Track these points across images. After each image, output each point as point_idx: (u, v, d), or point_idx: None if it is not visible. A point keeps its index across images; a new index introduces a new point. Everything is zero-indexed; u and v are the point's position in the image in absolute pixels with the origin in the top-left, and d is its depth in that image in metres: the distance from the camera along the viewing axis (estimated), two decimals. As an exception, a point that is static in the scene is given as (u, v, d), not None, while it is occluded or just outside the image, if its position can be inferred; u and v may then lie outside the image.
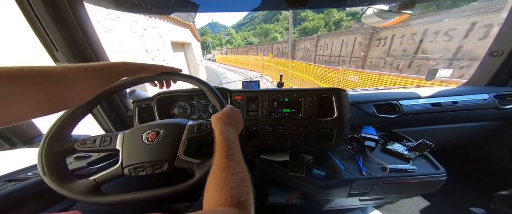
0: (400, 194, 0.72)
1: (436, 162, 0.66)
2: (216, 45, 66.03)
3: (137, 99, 0.88)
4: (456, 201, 1.02)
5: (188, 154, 0.46)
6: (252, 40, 47.70)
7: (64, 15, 0.63)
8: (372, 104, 0.94)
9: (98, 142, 0.47)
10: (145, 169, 0.44)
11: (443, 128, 0.98)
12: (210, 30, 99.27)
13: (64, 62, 0.71)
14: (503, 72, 0.97)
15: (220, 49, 43.14)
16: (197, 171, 0.44)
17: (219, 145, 0.37)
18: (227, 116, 0.44)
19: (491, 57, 0.98)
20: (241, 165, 0.33)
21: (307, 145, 0.74)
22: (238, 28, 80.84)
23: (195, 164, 0.45)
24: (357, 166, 0.68)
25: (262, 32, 47.38)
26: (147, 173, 0.44)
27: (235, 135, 0.41)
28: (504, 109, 0.93)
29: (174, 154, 0.46)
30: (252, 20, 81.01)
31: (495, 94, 0.94)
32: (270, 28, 48.08)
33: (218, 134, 0.39)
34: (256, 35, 50.57)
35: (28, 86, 0.26)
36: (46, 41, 0.65)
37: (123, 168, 0.45)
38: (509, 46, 0.91)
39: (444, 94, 0.98)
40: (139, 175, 0.44)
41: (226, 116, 0.44)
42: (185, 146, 0.47)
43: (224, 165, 0.32)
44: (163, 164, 0.44)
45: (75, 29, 0.66)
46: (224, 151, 0.35)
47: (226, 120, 0.43)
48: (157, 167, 0.44)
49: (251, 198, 0.29)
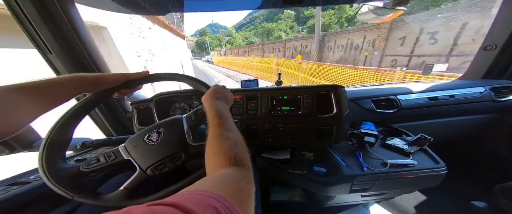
0: (401, 189, 0.72)
1: (435, 156, 0.67)
2: (215, 45, 60.97)
3: (136, 101, 0.87)
4: (457, 195, 1.02)
5: (196, 141, 0.47)
6: (254, 40, 43.82)
7: (55, 16, 0.62)
8: (371, 100, 0.95)
9: (102, 159, 0.46)
10: (166, 165, 0.45)
11: (441, 122, 0.99)
12: (209, 31, 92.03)
13: (58, 65, 0.70)
14: (498, 66, 0.99)
15: (219, 50, 38.67)
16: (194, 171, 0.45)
17: (210, 117, 0.38)
18: (214, 92, 0.46)
19: (485, 51, 1.00)
20: (233, 131, 0.35)
21: (307, 142, 0.74)
22: (239, 29, 76.35)
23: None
24: (358, 162, 0.68)
25: (264, 32, 44.01)
26: (169, 168, 0.45)
27: (225, 106, 0.43)
28: (501, 101, 0.94)
29: (185, 144, 0.46)
30: (253, 21, 76.04)
31: (491, 87, 0.95)
32: (273, 27, 43.57)
33: (208, 109, 0.41)
34: (258, 35, 47.11)
35: None
36: (39, 44, 0.64)
37: (145, 171, 0.45)
38: (502, 40, 0.93)
39: (440, 88, 0.99)
40: (162, 172, 0.45)
41: (213, 92, 0.46)
42: (191, 135, 0.48)
43: (217, 133, 0.33)
44: (180, 154, 0.45)
45: (68, 30, 0.65)
46: (215, 120, 0.36)
47: (213, 96, 0.44)
48: (176, 159, 0.45)
49: (247, 157, 0.31)
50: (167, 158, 0.45)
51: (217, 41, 63.11)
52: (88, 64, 0.75)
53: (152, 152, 0.46)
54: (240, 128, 0.79)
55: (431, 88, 0.99)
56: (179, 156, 0.45)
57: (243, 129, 0.79)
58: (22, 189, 0.51)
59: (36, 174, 0.60)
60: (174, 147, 0.46)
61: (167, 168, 0.45)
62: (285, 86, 0.82)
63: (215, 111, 0.39)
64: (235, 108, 0.81)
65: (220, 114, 0.38)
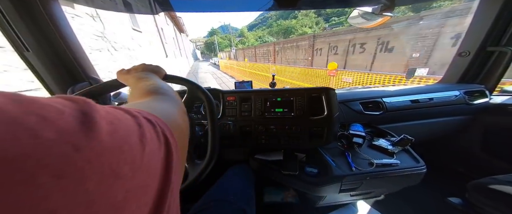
0: (386, 187, 0.76)
1: (416, 156, 0.71)
2: (225, 46, 52.18)
3: (123, 101, 0.83)
4: (435, 192, 1.10)
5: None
6: (268, 39, 36.56)
7: (34, 10, 0.57)
8: (359, 102, 0.99)
9: None
10: None
11: (422, 123, 1.06)
12: (220, 31, 75.91)
13: (37, 64, 0.64)
14: (471, 71, 1.08)
15: (228, 51, 29.89)
16: (190, 173, 0.44)
17: (134, 84, 0.34)
18: (136, 67, 0.40)
19: (460, 57, 1.09)
20: (155, 80, 0.32)
21: (300, 143, 0.75)
22: (250, 30, 67.28)
23: (187, 166, 0.44)
24: (347, 162, 0.71)
25: (280, 30, 35.26)
26: None
27: (154, 75, 0.37)
28: (473, 104, 1.03)
29: None
30: (264, 21, 67.18)
31: (464, 91, 1.03)
32: (292, 24, 34.47)
33: (131, 79, 0.35)
34: (273, 34, 38.63)
35: None
36: (14, 41, 0.58)
37: None
38: (475, 47, 1.01)
39: (421, 91, 1.06)
40: None
41: (135, 68, 0.39)
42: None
43: (138, 86, 0.30)
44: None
45: (47, 26, 0.60)
46: (137, 81, 0.32)
47: (137, 69, 0.39)
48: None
49: (170, 90, 0.28)
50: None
51: (227, 41, 55.14)
52: (70, 62, 0.70)
53: None
54: (233, 129, 0.79)
55: (413, 91, 1.06)
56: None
57: (237, 130, 0.79)
58: None
59: None
60: None
61: None
62: (279, 88, 0.83)
63: (136, 77, 0.34)
64: (228, 109, 0.80)
65: (141, 76, 0.34)
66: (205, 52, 68.35)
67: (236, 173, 0.75)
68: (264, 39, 38.17)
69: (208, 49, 63.04)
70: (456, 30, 4.46)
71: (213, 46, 56.93)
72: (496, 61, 1.01)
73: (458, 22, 4.47)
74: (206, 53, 66.78)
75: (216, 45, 52.71)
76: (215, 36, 60.67)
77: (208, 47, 62.42)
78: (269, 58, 12.60)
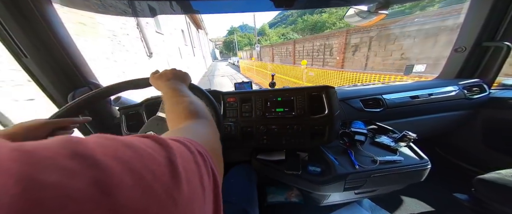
0: (391, 185, 0.75)
1: (419, 152, 0.70)
2: (244, 45, 46.45)
3: (124, 106, 0.83)
4: (441, 189, 1.09)
5: None
6: (293, 36, 29.58)
7: (29, 16, 0.57)
8: (359, 100, 0.99)
9: None
10: None
11: (423, 119, 1.06)
12: (239, 30, 72.70)
13: (36, 70, 0.64)
14: (468, 66, 1.09)
15: (248, 49, 27.26)
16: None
17: (165, 93, 0.36)
18: (165, 73, 0.43)
19: (456, 53, 1.10)
20: (189, 95, 0.34)
21: (302, 142, 0.75)
22: (270, 27, 56.31)
23: None
24: (350, 160, 0.70)
25: (305, 27, 30.54)
26: None
27: (183, 84, 0.40)
28: (472, 98, 1.03)
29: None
30: (285, 19, 59.88)
31: (463, 86, 1.04)
32: (323, 19, 27.59)
33: (164, 88, 0.38)
34: (297, 31, 33.21)
35: None
36: (12, 47, 0.58)
37: None
38: (470, 43, 1.02)
39: (420, 87, 1.06)
40: None
41: (164, 73, 0.43)
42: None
43: (174, 100, 0.32)
44: None
45: (44, 32, 0.60)
46: (169, 93, 0.35)
47: (167, 75, 0.42)
48: None
49: (206, 110, 0.30)
50: None
51: (246, 40, 49.29)
52: (69, 68, 0.69)
53: None
54: (235, 130, 0.78)
55: (412, 87, 1.06)
56: None
57: (238, 132, 0.78)
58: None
59: None
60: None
61: None
62: (279, 88, 0.83)
63: (173, 90, 0.36)
64: (229, 110, 0.80)
65: (173, 87, 0.36)
66: (224, 52, 65.45)
67: (238, 173, 0.74)
68: (289, 36, 31.40)
69: (227, 49, 59.54)
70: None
71: (232, 45, 52.64)
72: (493, 56, 1.02)
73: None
74: (225, 53, 64.14)
75: (235, 44, 47.56)
76: (235, 34, 54.12)
77: (227, 46, 59.10)
78: (301, 57, 9.31)
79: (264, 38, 38.88)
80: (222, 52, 67.74)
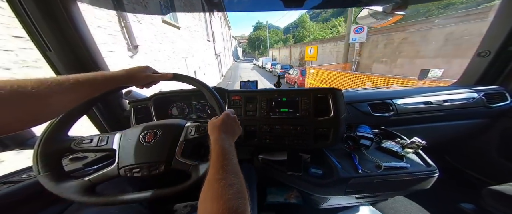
0: (394, 191, 0.74)
1: (428, 160, 0.68)
2: (276, 42, 40.04)
3: (134, 100, 0.87)
4: (447, 198, 1.05)
5: (185, 155, 0.46)
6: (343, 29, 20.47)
7: (56, 13, 0.61)
8: (367, 104, 0.96)
9: (94, 141, 0.47)
10: (141, 170, 0.44)
11: (435, 126, 1.01)
12: (266, 26, 53.94)
13: (58, 63, 0.69)
14: (491, 72, 1.02)
15: (279, 47, 23.58)
16: (193, 173, 0.44)
17: (214, 154, 0.36)
18: (223, 123, 0.43)
19: (479, 58, 1.02)
20: (237, 176, 0.33)
21: (304, 144, 0.75)
22: (295, 28, 43.34)
23: (192, 166, 0.45)
24: (353, 164, 0.69)
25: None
26: (143, 174, 0.44)
27: (231, 143, 0.40)
28: (492, 107, 0.96)
29: (171, 155, 0.45)
30: (317, 16, 42.68)
31: (483, 93, 0.98)
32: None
33: (213, 143, 0.38)
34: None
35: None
36: (38, 41, 0.63)
37: (119, 168, 0.44)
38: (496, 47, 0.95)
39: (435, 93, 1.01)
40: (135, 176, 0.44)
41: (222, 123, 0.43)
42: (183, 147, 0.47)
43: (220, 176, 0.31)
44: (159, 165, 0.44)
45: (68, 28, 0.65)
46: (219, 161, 0.34)
47: (221, 128, 0.42)
48: (153, 168, 0.44)
49: (248, 210, 0.28)
50: (146, 164, 0.44)
51: (274, 37, 42.60)
52: (88, 63, 0.74)
53: (137, 152, 0.45)
54: None
55: (426, 93, 1.01)
56: (157, 166, 0.44)
57: (242, 130, 0.79)
58: (14, 188, 0.50)
59: (29, 172, 0.59)
60: (159, 155, 0.45)
61: (141, 173, 0.44)
62: (284, 88, 0.83)
63: (221, 148, 0.36)
64: (233, 108, 0.81)
65: (225, 153, 0.35)
66: (247, 51, 58.60)
67: None
68: (338, 29, 21.73)
69: (252, 47, 51.46)
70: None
71: (258, 43, 45.71)
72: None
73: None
74: (249, 52, 56.58)
75: (261, 42, 41.15)
76: (262, 31, 46.01)
77: (252, 45, 50.94)
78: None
79: (300, 33, 29.43)
80: (245, 51, 61.23)
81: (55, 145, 0.44)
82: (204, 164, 0.44)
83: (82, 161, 0.67)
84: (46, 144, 0.42)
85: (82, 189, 0.42)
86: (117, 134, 0.48)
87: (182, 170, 0.45)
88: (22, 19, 0.59)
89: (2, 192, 0.48)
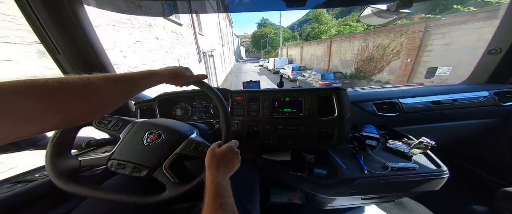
0: (402, 192, 0.72)
1: (437, 160, 0.66)
2: (286, 40, 31.66)
3: (139, 100, 0.89)
4: (458, 199, 1.02)
5: (172, 169, 0.46)
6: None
7: (65, 17, 0.63)
8: (372, 103, 0.94)
9: (112, 123, 0.49)
10: (125, 168, 0.44)
11: (444, 126, 0.98)
12: (271, 23, 49.67)
13: (67, 65, 0.71)
14: (502, 70, 0.98)
15: (291, 44, 21.08)
16: (168, 189, 0.43)
17: (210, 191, 0.35)
18: (224, 157, 0.42)
19: (490, 55, 0.99)
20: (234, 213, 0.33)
21: (308, 144, 0.74)
22: (300, 26, 39.15)
23: (171, 182, 0.44)
24: (359, 165, 0.68)
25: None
26: (125, 173, 0.44)
27: (227, 180, 0.39)
28: (504, 105, 0.93)
29: (159, 164, 0.45)
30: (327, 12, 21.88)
31: (495, 92, 0.94)
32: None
33: (210, 177, 0.38)
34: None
35: (52, 103, 0.24)
36: (48, 44, 0.66)
37: (109, 159, 0.45)
38: (508, 44, 0.92)
39: (443, 92, 0.98)
40: (117, 171, 0.44)
41: (223, 157, 0.41)
42: (173, 160, 0.46)
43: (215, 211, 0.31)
44: (143, 169, 0.44)
45: (77, 31, 0.67)
46: (217, 199, 0.34)
47: (221, 162, 0.40)
48: (136, 171, 0.44)
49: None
50: (132, 164, 0.44)
51: (283, 34, 33.00)
52: (96, 65, 0.76)
53: (132, 150, 0.46)
54: (241, 129, 0.80)
55: (434, 92, 0.99)
56: (140, 170, 0.44)
57: (245, 130, 0.79)
58: (27, 187, 0.52)
59: (42, 171, 0.61)
60: (149, 160, 0.45)
61: (123, 172, 0.44)
62: (287, 88, 0.82)
63: (218, 186, 0.36)
64: (236, 109, 0.82)
65: (223, 190, 0.35)
66: (250, 50, 51.50)
67: (241, 172, 0.75)
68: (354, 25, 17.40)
69: (256, 46, 44.19)
70: None
71: (263, 41, 39.27)
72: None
73: None
74: (252, 52, 49.72)
75: (266, 41, 36.06)
76: (267, 28, 39.73)
77: (256, 43, 43.39)
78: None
79: (314, 28, 23.47)
80: (248, 51, 54.24)
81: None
82: (183, 186, 0.43)
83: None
84: (56, 147, 0.43)
85: (70, 170, 0.42)
86: (130, 124, 0.50)
87: (160, 181, 0.45)
88: (33, 24, 0.61)
89: (16, 191, 0.50)
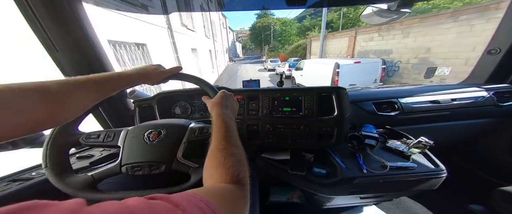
0: (400, 191, 0.72)
1: (436, 160, 0.67)
2: (291, 35, 25.72)
3: (138, 99, 0.88)
4: (455, 198, 1.03)
5: (187, 157, 0.46)
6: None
7: (63, 15, 0.62)
8: (372, 103, 0.95)
9: (101, 137, 0.48)
10: (142, 169, 0.44)
11: (442, 125, 0.99)
12: (271, 14, 33.97)
13: (65, 63, 0.70)
14: (501, 70, 0.98)
15: (316, 36, 10.77)
16: (193, 175, 0.44)
17: (217, 127, 0.37)
18: (223, 99, 0.45)
19: (489, 55, 0.99)
20: (238, 147, 0.35)
21: (308, 143, 0.74)
22: (302, 20, 29.18)
23: (192, 168, 0.45)
24: (358, 164, 0.68)
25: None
26: (144, 173, 0.44)
27: (231, 117, 0.42)
28: (503, 105, 0.93)
29: (173, 156, 0.46)
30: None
31: (493, 92, 0.94)
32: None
33: (215, 117, 0.40)
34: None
35: (30, 102, 0.24)
36: (46, 42, 0.65)
37: (121, 165, 0.45)
38: (507, 44, 0.92)
39: (442, 92, 0.98)
40: (136, 174, 0.44)
41: (222, 100, 0.44)
42: (185, 148, 0.47)
43: (223, 146, 0.33)
44: (160, 165, 0.45)
45: (74, 29, 0.66)
46: (222, 132, 0.36)
47: (222, 103, 0.43)
48: (154, 167, 0.44)
49: (248, 176, 0.31)
50: (147, 163, 0.44)
51: (288, 29, 27.57)
52: (94, 63, 0.75)
53: (140, 151, 0.46)
54: (240, 128, 0.80)
55: (433, 91, 0.99)
56: (158, 166, 0.45)
57: (244, 129, 0.79)
58: (23, 185, 0.52)
59: (38, 170, 0.61)
60: (161, 155, 0.45)
61: (141, 172, 0.44)
62: (287, 87, 0.82)
63: (223, 121, 0.38)
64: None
65: (227, 126, 0.37)
66: (248, 46, 44.36)
67: None
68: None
69: (256, 41, 36.24)
70: None
71: (265, 35, 32.11)
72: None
73: None
74: (250, 49, 42.99)
75: (271, 33, 27.66)
76: (270, 18, 32.57)
77: (256, 38, 35.68)
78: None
79: (347, 15, 16.30)
80: (245, 48, 46.55)
81: (66, 138, 0.45)
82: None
83: (89, 159, 0.68)
84: (57, 137, 0.43)
85: (84, 185, 0.42)
86: (123, 131, 0.49)
87: (182, 171, 0.45)
88: (31, 21, 0.60)
89: (12, 189, 0.50)
